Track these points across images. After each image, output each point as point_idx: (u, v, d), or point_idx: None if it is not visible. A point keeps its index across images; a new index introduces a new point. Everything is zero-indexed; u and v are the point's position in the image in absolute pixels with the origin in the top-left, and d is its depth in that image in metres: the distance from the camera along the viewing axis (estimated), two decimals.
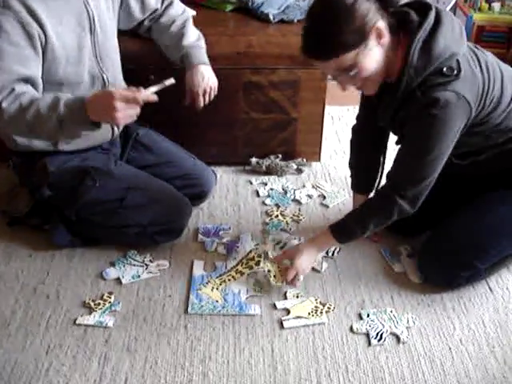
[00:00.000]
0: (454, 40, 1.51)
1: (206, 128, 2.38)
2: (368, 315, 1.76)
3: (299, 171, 2.45)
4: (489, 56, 1.64)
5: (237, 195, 2.33)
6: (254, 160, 2.43)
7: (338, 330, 1.72)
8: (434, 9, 1.52)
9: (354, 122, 1.98)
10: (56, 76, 1.74)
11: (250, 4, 2.47)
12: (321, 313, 1.76)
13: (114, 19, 1.93)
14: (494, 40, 3.28)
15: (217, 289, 1.84)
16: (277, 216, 2.18)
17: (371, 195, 1.97)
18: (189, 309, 1.77)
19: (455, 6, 3.52)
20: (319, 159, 2.52)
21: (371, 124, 1.79)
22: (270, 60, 2.25)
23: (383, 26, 1.48)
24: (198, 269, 1.92)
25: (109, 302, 1.79)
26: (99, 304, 1.78)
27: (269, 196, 2.31)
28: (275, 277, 1.84)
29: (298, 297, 1.82)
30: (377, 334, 1.69)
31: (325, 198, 2.31)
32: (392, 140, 1.89)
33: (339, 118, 2.88)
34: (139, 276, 1.89)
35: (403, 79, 1.52)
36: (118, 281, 1.87)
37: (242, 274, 1.90)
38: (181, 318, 1.75)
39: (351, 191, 2.08)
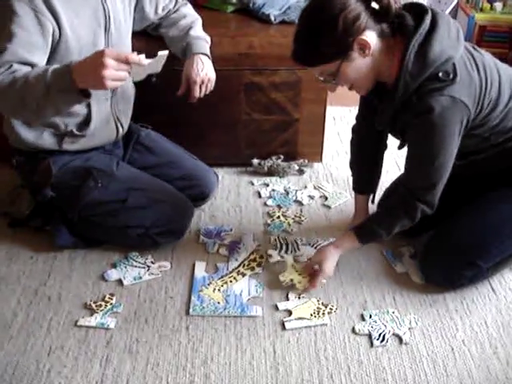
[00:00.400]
0: (450, 44, 1.51)
1: (207, 129, 2.37)
2: (370, 316, 1.75)
3: (301, 172, 2.45)
4: (486, 57, 1.63)
5: (238, 196, 2.32)
6: (255, 161, 2.43)
7: (340, 331, 1.72)
8: (430, 12, 1.52)
9: (353, 123, 1.98)
10: None
11: (251, 5, 2.47)
12: (323, 314, 1.76)
13: (129, 20, 1.93)
14: (496, 40, 3.28)
15: (218, 290, 1.83)
16: (278, 217, 2.18)
17: (377, 206, 1.99)
18: (190, 310, 1.77)
19: (457, 6, 3.52)
20: (321, 160, 2.52)
21: (371, 124, 1.78)
22: (271, 61, 2.25)
23: (370, 36, 1.49)
24: (200, 270, 1.92)
25: (110, 304, 1.78)
26: (101, 306, 1.77)
27: (270, 197, 2.31)
28: (300, 283, 1.84)
29: (299, 298, 1.81)
30: (379, 335, 1.68)
31: (327, 198, 2.30)
32: (392, 142, 1.89)
33: (341, 118, 2.88)
34: (141, 277, 1.89)
35: (400, 84, 1.53)
36: (120, 282, 1.87)
37: (243, 276, 1.89)
38: (182, 320, 1.75)
39: (353, 192, 2.08)
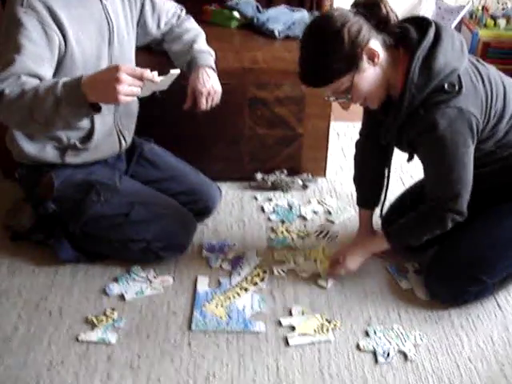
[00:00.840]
0: (454, 56, 1.51)
1: (210, 143, 2.37)
2: (375, 332, 1.73)
3: (305, 187, 2.44)
4: (491, 69, 1.63)
5: (242, 211, 2.31)
6: (259, 176, 2.42)
7: (344, 347, 1.69)
8: (433, 25, 1.52)
9: (357, 138, 1.97)
10: None
11: (255, 20, 2.48)
12: (327, 330, 1.74)
13: (132, 35, 1.93)
14: (500, 56, 3.29)
15: (221, 305, 1.82)
16: (282, 232, 2.17)
17: (381, 224, 2.00)
18: (193, 326, 1.75)
19: (460, 22, 3.52)
20: (325, 175, 2.51)
21: (374, 139, 1.78)
22: (275, 76, 2.25)
23: (376, 46, 1.50)
24: (203, 285, 1.90)
25: (112, 319, 1.77)
26: (102, 320, 1.76)
27: (274, 212, 2.30)
28: (321, 263, 1.97)
29: (303, 314, 1.80)
30: (384, 352, 1.66)
31: (330, 213, 2.29)
32: (396, 156, 1.88)
33: (345, 133, 2.87)
34: (143, 292, 1.87)
35: (405, 97, 1.52)
36: (122, 297, 1.85)
37: (246, 291, 1.88)
38: (184, 335, 1.73)
39: (357, 207, 2.07)
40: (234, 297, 1.85)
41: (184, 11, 2.15)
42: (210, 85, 1.98)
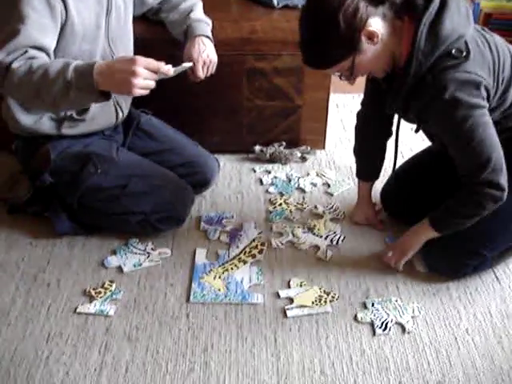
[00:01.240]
0: (460, 22, 1.48)
1: (208, 115, 2.35)
2: (373, 304, 1.73)
3: (303, 159, 2.43)
4: (497, 37, 1.61)
5: (240, 183, 2.30)
6: (257, 148, 2.41)
7: (342, 319, 1.70)
8: None
9: (358, 109, 1.95)
10: (71, 53, 1.71)
11: None
12: (325, 302, 1.74)
13: (129, 3, 1.90)
14: (502, 27, 3.24)
15: (219, 277, 1.82)
16: (280, 204, 2.16)
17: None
18: (191, 297, 1.75)
19: None
20: (324, 147, 2.49)
21: (376, 110, 1.76)
22: (274, 46, 2.22)
23: (376, 23, 1.47)
24: (201, 257, 1.90)
25: (110, 291, 1.77)
26: (100, 292, 1.76)
27: (272, 184, 2.29)
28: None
29: (301, 285, 1.80)
30: (382, 324, 1.67)
31: (329, 186, 2.28)
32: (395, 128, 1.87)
33: (344, 105, 2.85)
34: (141, 264, 1.87)
35: (412, 64, 1.49)
36: (120, 269, 1.85)
37: (244, 263, 1.87)
38: (182, 307, 1.73)
39: (356, 179, 2.06)
40: (232, 269, 1.85)
41: None
42: (205, 54, 1.95)
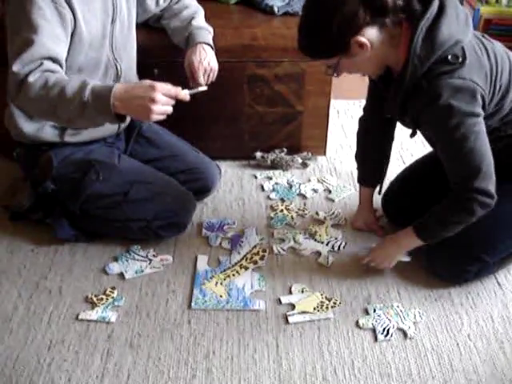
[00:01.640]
0: (458, 28, 1.49)
1: (210, 122, 2.35)
2: (374, 310, 1.73)
3: (304, 165, 2.43)
4: (496, 45, 1.61)
5: (241, 190, 2.30)
6: (258, 154, 2.41)
7: (343, 325, 1.70)
8: None
9: (360, 115, 1.95)
10: (78, 61, 1.72)
11: None
12: (326, 308, 1.74)
13: (132, 12, 1.91)
14: (502, 33, 3.24)
15: (221, 284, 1.82)
16: (282, 210, 2.16)
17: (381, 202, 1.94)
18: (192, 304, 1.75)
19: None
20: (325, 153, 2.49)
21: (378, 115, 1.76)
22: (274, 53, 2.23)
23: (370, 34, 1.48)
24: (202, 264, 1.90)
25: (112, 297, 1.77)
26: (102, 299, 1.76)
27: (274, 190, 2.29)
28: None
29: (303, 292, 1.80)
30: (383, 330, 1.67)
31: (330, 192, 2.28)
32: (398, 134, 1.87)
33: (345, 111, 2.85)
34: (142, 271, 1.87)
35: (408, 69, 1.50)
36: (121, 276, 1.85)
37: (246, 269, 1.88)
38: (184, 314, 1.73)
39: (357, 185, 2.06)
40: (233, 275, 1.85)
41: None
42: (206, 62, 1.96)
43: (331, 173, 2.41)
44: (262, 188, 2.31)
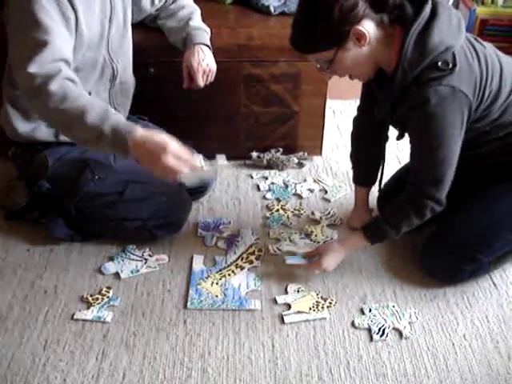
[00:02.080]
0: (450, 33, 1.49)
1: (205, 121, 2.35)
2: (370, 310, 1.73)
3: (300, 165, 2.43)
4: (488, 48, 1.61)
5: (237, 189, 2.30)
6: (254, 154, 2.41)
7: (339, 325, 1.70)
8: (430, 1, 1.49)
9: (355, 114, 1.96)
10: (75, 61, 1.71)
11: None
12: (322, 308, 1.74)
13: (128, 12, 1.91)
14: (498, 34, 3.25)
15: (217, 283, 1.82)
16: (277, 210, 2.16)
17: (376, 202, 1.94)
18: (188, 304, 1.75)
19: None
20: (320, 153, 2.50)
21: (372, 115, 1.76)
22: (270, 53, 2.23)
23: (369, 26, 1.47)
24: (198, 263, 1.90)
25: (107, 297, 1.76)
26: (97, 299, 1.76)
27: (269, 190, 2.29)
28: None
29: (298, 291, 1.80)
30: (379, 329, 1.67)
31: (326, 192, 2.28)
32: (393, 133, 1.87)
33: (341, 111, 2.86)
34: (138, 271, 1.87)
35: (398, 73, 1.51)
36: (117, 275, 1.85)
37: (242, 269, 1.88)
38: (180, 313, 1.73)
39: (353, 185, 2.06)
40: (229, 275, 1.85)
41: None
42: (205, 63, 1.96)
43: (327, 173, 2.41)
44: (258, 188, 2.31)
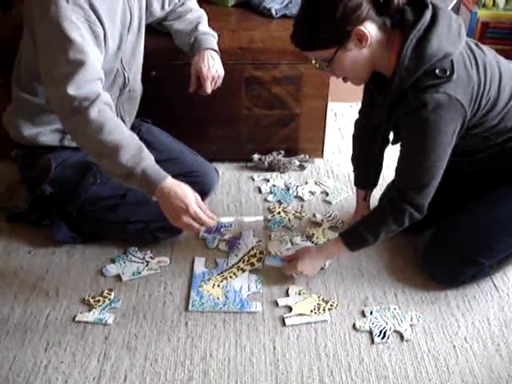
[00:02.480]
0: (449, 40, 1.48)
1: (207, 124, 2.36)
2: (371, 313, 1.74)
3: (302, 168, 2.43)
4: (488, 54, 1.60)
5: (239, 192, 2.30)
6: (256, 156, 2.41)
7: (340, 327, 1.70)
8: (430, 7, 1.49)
9: (356, 117, 1.96)
10: None
11: None
12: (323, 310, 1.74)
13: (143, 18, 1.90)
14: (499, 37, 3.25)
15: (218, 286, 1.82)
16: (279, 213, 2.16)
17: (378, 203, 1.95)
18: (189, 306, 1.75)
19: (459, 2, 3.49)
20: (322, 156, 2.50)
21: None
22: (272, 55, 2.23)
23: (371, 28, 1.47)
24: (199, 266, 1.90)
25: (109, 299, 1.77)
26: (99, 301, 1.76)
27: (271, 192, 2.29)
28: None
29: (300, 294, 1.80)
30: (380, 332, 1.67)
31: (327, 194, 2.28)
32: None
33: (342, 114, 2.86)
34: (139, 273, 1.87)
35: (395, 79, 1.50)
36: (118, 278, 1.85)
37: (243, 271, 1.88)
38: (181, 315, 1.73)
39: (354, 188, 2.06)
40: (230, 277, 1.85)
41: None
42: (214, 69, 1.97)
43: (328, 175, 2.41)
44: (260, 190, 2.31)
